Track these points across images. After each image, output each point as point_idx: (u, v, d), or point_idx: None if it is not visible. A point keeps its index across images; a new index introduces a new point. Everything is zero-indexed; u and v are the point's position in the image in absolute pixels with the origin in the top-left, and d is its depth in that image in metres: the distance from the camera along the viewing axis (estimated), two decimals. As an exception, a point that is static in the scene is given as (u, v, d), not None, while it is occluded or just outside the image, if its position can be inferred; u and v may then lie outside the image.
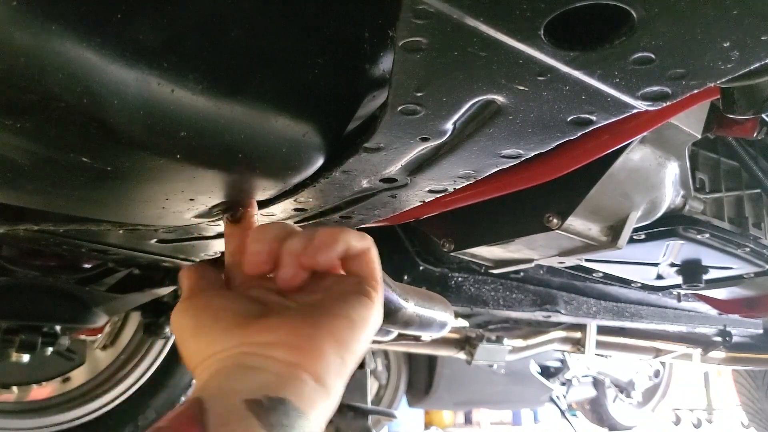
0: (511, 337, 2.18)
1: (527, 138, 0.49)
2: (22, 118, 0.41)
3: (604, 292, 1.78)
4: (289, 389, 0.40)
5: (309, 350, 0.43)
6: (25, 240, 0.96)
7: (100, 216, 0.66)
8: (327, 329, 0.44)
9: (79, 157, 0.45)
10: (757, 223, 1.17)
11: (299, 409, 0.40)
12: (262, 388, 0.40)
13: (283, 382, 0.41)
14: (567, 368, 3.33)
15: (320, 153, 0.54)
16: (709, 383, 4.10)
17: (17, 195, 0.56)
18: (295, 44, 0.47)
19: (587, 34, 0.36)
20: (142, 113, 0.41)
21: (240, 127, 0.46)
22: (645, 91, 0.41)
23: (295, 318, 0.45)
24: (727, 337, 2.28)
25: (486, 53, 0.37)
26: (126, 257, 1.10)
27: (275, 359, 0.42)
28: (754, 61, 0.37)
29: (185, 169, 0.49)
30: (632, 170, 0.89)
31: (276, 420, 0.38)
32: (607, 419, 3.86)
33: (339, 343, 0.44)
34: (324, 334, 0.44)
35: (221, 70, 0.43)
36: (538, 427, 6.29)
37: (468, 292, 1.50)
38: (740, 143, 1.13)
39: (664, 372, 4.00)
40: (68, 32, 0.36)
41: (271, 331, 0.44)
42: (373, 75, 0.54)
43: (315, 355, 0.43)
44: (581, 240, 0.94)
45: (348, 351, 0.45)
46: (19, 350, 1.41)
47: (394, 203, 0.68)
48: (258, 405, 0.39)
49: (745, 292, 1.54)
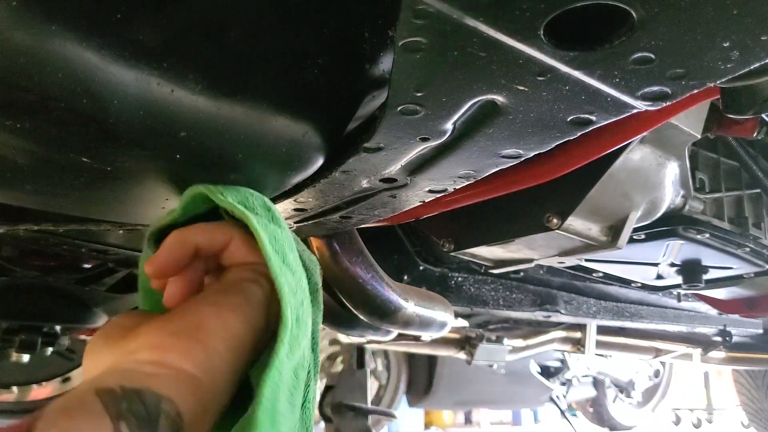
0: (511, 337, 2.18)
1: (527, 138, 0.49)
2: (22, 118, 0.41)
3: (604, 292, 1.78)
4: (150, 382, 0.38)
5: (172, 345, 0.41)
6: (25, 240, 0.96)
7: (100, 216, 0.66)
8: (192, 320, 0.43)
9: (79, 157, 0.45)
10: (757, 223, 1.17)
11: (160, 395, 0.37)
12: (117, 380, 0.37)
13: (144, 378, 0.38)
14: (567, 368, 3.33)
15: (320, 153, 0.54)
16: (709, 383, 4.10)
17: (17, 195, 0.56)
18: (294, 44, 0.47)
19: (587, 34, 0.36)
20: (141, 113, 0.41)
21: (240, 127, 0.46)
22: (645, 91, 0.41)
23: (164, 319, 0.44)
24: (727, 337, 2.28)
25: (486, 53, 0.37)
26: (126, 257, 1.10)
27: (140, 361, 0.40)
28: (754, 61, 0.37)
29: (185, 169, 0.49)
30: (632, 170, 0.89)
31: (127, 407, 0.35)
32: (607, 419, 3.86)
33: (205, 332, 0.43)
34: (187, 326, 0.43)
35: (221, 71, 0.43)
36: (538, 427, 6.29)
37: (468, 292, 1.50)
38: (740, 143, 1.13)
39: (664, 372, 4.00)
40: (68, 32, 0.36)
41: (137, 337, 0.43)
42: (373, 75, 0.54)
43: (176, 348, 0.41)
44: (581, 240, 0.94)
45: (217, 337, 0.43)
46: (19, 350, 1.41)
47: (394, 203, 0.68)
48: (109, 393, 0.36)
49: (745, 292, 1.54)
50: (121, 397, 0.36)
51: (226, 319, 0.44)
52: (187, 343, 0.42)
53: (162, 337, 0.42)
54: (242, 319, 0.45)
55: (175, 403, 0.38)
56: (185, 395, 0.39)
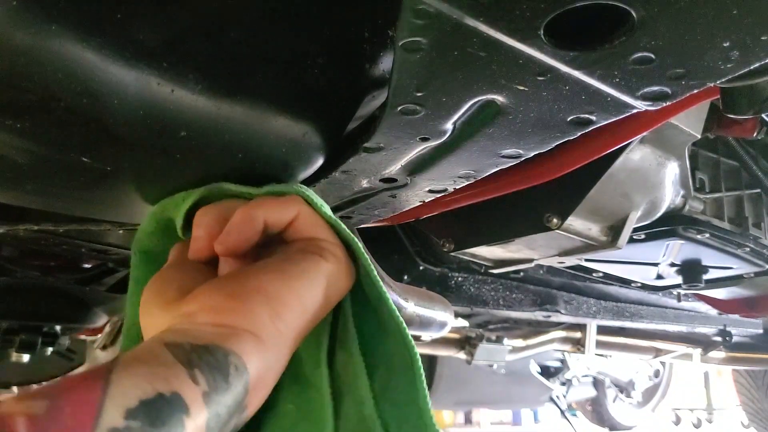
0: (511, 337, 2.18)
1: (527, 138, 0.49)
2: (22, 118, 0.41)
3: (604, 292, 1.78)
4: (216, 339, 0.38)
5: (232, 308, 0.41)
6: (25, 240, 0.96)
7: (100, 216, 0.66)
8: (252, 285, 0.42)
9: (79, 157, 0.46)
10: (757, 223, 1.17)
11: (228, 349, 0.38)
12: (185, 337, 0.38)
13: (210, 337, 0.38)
14: (567, 368, 3.33)
15: (320, 153, 0.54)
16: (709, 383, 4.10)
17: (17, 195, 0.57)
18: (294, 44, 0.47)
19: (587, 34, 0.36)
20: (141, 113, 0.41)
21: (240, 127, 0.46)
22: (645, 91, 0.41)
23: (221, 282, 0.44)
24: (727, 337, 2.28)
25: (486, 53, 0.37)
26: (126, 257, 1.10)
27: (200, 323, 0.40)
28: (754, 61, 0.37)
29: (185, 169, 0.49)
30: (632, 170, 0.89)
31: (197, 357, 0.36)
32: (608, 419, 3.86)
33: (267, 296, 0.42)
34: (248, 290, 0.42)
35: (221, 70, 0.43)
36: (538, 427, 6.29)
37: (468, 292, 1.50)
38: (740, 143, 1.13)
39: (664, 372, 4.00)
40: (68, 32, 0.36)
41: (195, 299, 0.42)
42: (373, 75, 0.54)
43: (238, 311, 0.41)
44: (581, 240, 0.94)
45: (280, 302, 0.42)
46: (19, 350, 1.41)
47: (394, 203, 0.68)
48: (179, 347, 0.36)
49: (745, 292, 1.54)
50: (190, 350, 0.36)
51: (290, 286, 0.43)
52: (248, 306, 0.41)
53: (222, 300, 0.41)
54: (307, 287, 0.44)
55: (242, 358, 0.38)
56: (249, 353, 0.39)
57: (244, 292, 0.42)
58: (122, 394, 0.32)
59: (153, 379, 0.33)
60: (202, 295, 0.42)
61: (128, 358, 0.35)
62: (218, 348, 0.38)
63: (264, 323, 0.41)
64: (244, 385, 0.38)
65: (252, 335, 0.40)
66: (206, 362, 0.36)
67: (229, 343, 0.38)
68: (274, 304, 0.42)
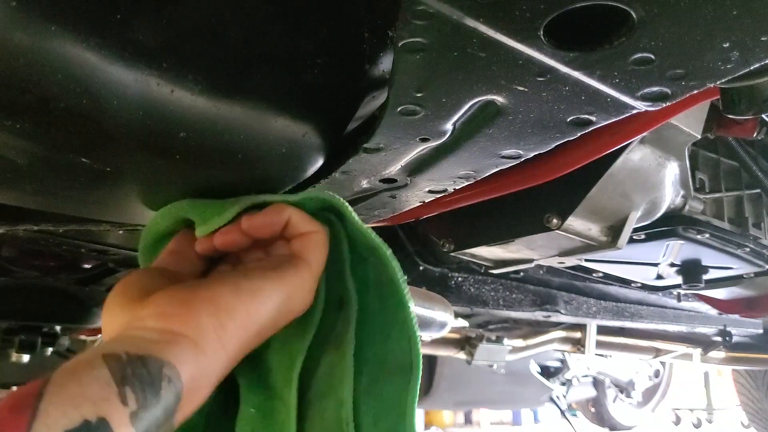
0: (511, 337, 2.18)
1: (527, 138, 0.49)
2: (22, 118, 0.41)
3: (604, 292, 1.78)
4: (153, 349, 0.40)
5: (180, 315, 0.43)
6: (25, 240, 0.96)
7: (100, 216, 0.66)
8: (204, 295, 0.45)
9: (79, 158, 0.45)
10: (757, 223, 1.17)
11: (162, 360, 0.39)
12: (124, 347, 0.39)
13: (149, 345, 0.40)
14: (567, 368, 3.33)
15: (320, 153, 0.54)
16: (709, 383, 4.10)
17: (17, 195, 0.56)
18: (294, 44, 0.47)
19: (587, 34, 0.36)
20: (141, 114, 0.41)
21: (239, 127, 0.46)
22: (645, 91, 0.41)
23: (176, 288, 0.46)
24: (727, 337, 2.28)
25: (486, 54, 0.37)
26: (126, 257, 1.10)
27: (147, 328, 0.42)
28: (754, 61, 0.37)
29: (185, 169, 0.49)
30: (632, 170, 0.89)
31: (131, 372, 0.37)
32: (608, 419, 3.86)
33: (216, 307, 0.44)
34: (199, 299, 0.44)
35: (220, 71, 0.43)
36: (538, 427, 6.29)
37: (468, 292, 1.50)
38: (740, 143, 1.13)
39: (664, 372, 3.99)
40: (68, 33, 0.36)
41: (150, 302, 0.44)
42: (373, 75, 0.54)
43: (185, 318, 0.43)
44: (581, 240, 0.94)
45: (227, 314, 0.44)
46: (19, 350, 1.41)
47: (394, 203, 0.68)
48: (115, 358, 0.38)
49: (745, 292, 1.54)
50: (126, 362, 0.38)
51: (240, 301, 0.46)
52: (193, 313, 0.43)
53: (172, 307, 0.44)
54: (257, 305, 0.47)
55: (176, 368, 0.40)
56: (184, 362, 0.40)
57: (195, 300, 0.44)
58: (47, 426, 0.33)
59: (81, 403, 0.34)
60: (156, 299, 0.45)
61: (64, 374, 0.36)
62: (153, 360, 0.39)
63: (207, 331, 0.43)
64: (176, 395, 0.39)
65: (192, 342, 0.42)
66: (138, 377, 0.38)
67: (166, 353, 0.40)
68: (220, 315, 0.44)
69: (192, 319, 0.43)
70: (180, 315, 0.43)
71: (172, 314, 0.43)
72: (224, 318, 0.44)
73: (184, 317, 0.43)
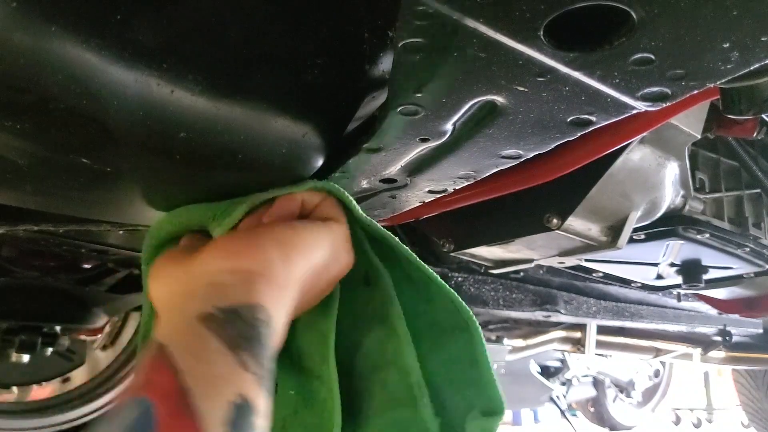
0: (511, 337, 2.18)
1: (527, 138, 0.49)
2: (22, 119, 0.41)
3: (604, 292, 1.79)
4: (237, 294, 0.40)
5: (246, 250, 0.43)
6: (25, 240, 0.96)
7: (100, 216, 0.66)
8: (264, 233, 0.46)
9: (79, 158, 0.45)
10: (757, 223, 1.17)
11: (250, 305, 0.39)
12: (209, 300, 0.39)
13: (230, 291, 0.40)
14: (567, 368, 3.33)
15: (320, 153, 0.54)
16: (709, 383, 4.10)
17: (17, 195, 0.56)
18: (294, 45, 0.47)
19: (587, 34, 0.36)
20: (141, 114, 0.41)
21: (239, 127, 0.46)
22: (645, 91, 0.41)
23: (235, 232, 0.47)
24: (727, 337, 2.28)
25: (486, 54, 0.37)
26: (126, 257, 1.10)
27: (217, 270, 0.42)
28: (754, 61, 0.37)
29: (185, 169, 0.49)
30: (632, 170, 0.89)
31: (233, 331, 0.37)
32: (607, 419, 3.86)
33: (278, 242, 0.45)
34: (260, 236, 0.45)
35: (220, 71, 0.43)
36: (538, 427, 6.29)
37: (468, 292, 1.50)
38: (740, 143, 1.13)
39: (664, 372, 4.00)
40: (68, 33, 0.36)
41: (212, 247, 0.45)
42: (373, 75, 0.54)
43: (254, 253, 0.43)
44: (581, 240, 0.94)
45: (292, 248, 0.45)
46: (19, 350, 1.41)
47: (394, 203, 0.68)
48: (211, 319, 0.38)
49: (745, 292, 1.54)
50: (223, 320, 0.38)
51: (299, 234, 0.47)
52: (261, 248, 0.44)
53: (236, 245, 0.45)
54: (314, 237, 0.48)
55: (265, 307, 0.40)
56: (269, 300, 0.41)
57: (257, 238, 0.45)
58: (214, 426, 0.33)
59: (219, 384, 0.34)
60: (216, 243, 0.45)
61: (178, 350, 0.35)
62: (245, 308, 0.39)
63: (276, 265, 0.43)
64: (275, 334, 0.40)
65: (266, 279, 0.42)
66: (244, 336, 0.37)
67: (251, 295, 0.40)
68: (284, 248, 0.45)
69: (260, 253, 0.43)
70: (247, 250, 0.43)
71: (239, 251, 0.44)
72: (288, 250, 0.45)
73: (252, 252, 0.43)
